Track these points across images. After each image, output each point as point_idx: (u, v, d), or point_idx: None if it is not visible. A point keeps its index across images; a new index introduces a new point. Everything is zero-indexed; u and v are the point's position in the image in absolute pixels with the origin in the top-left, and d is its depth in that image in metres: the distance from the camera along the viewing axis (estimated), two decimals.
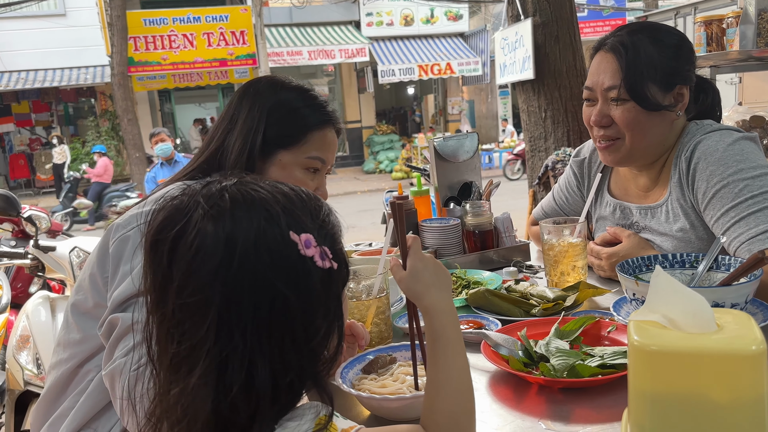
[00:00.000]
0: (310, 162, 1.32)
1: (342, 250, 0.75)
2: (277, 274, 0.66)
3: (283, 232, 0.68)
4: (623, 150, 1.47)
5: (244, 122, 1.28)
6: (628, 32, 1.48)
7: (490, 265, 1.74)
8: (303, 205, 0.72)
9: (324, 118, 1.33)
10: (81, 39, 14.56)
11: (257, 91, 1.31)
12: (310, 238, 0.69)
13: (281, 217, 0.68)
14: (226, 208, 0.67)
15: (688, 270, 1.26)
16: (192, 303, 0.66)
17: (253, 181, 0.73)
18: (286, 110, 1.29)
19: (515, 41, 5.56)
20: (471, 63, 16.34)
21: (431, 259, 0.92)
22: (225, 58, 15.00)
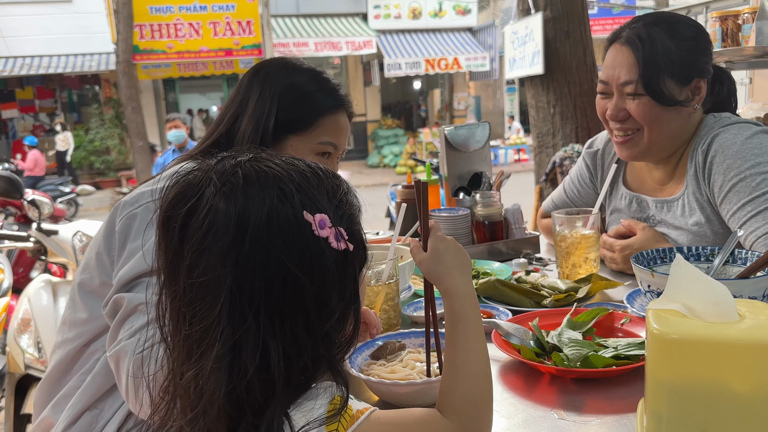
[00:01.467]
0: (321, 147, 1.29)
1: (360, 231, 0.73)
2: (289, 255, 0.64)
3: (297, 212, 0.65)
4: (641, 145, 1.45)
5: (255, 106, 1.24)
6: (645, 24, 1.44)
7: (499, 256, 1.72)
8: (319, 184, 0.70)
9: (337, 103, 1.30)
10: (87, 26, 14.52)
11: (268, 74, 1.27)
12: (324, 219, 0.66)
13: (295, 196, 0.66)
14: (238, 184, 0.65)
15: (704, 263, 1.24)
16: (203, 282, 0.64)
17: (269, 157, 0.70)
18: (298, 94, 1.26)
19: (525, 35, 5.52)
20: (479, 58, 16.26)
21: (452, 242, 0.90)
22: (230, 47, 14.96)
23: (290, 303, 0.65)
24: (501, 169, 10.24)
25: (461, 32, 17.06)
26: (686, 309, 0.80)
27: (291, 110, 1.25)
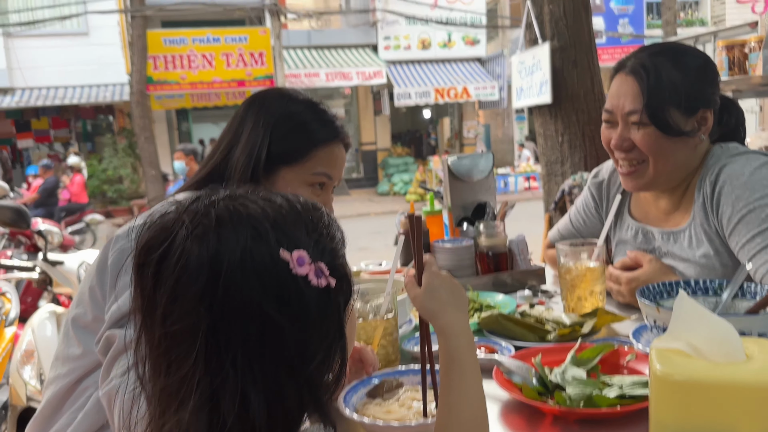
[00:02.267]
0: (315, 178, 1.26)
1: (343, 265, 0.70)
2: (266, 297, 0.61)
3: (272, 250, 0.62)
4: (647, 176, 1.43)
5: (248, 136, 1.23)
6: (650, 54, 1.44)
7: (503, 288, 1.69)
8: (297, 218, 0.67)
9: (332, 134, 1.28)
10: (102, 57, 14.80)
11: (263, 104, 1.26)
12: (303, 255, 0.63)
13: (270, 234, 0.63)
14: (211, 226, 0.63)
15: (712, 297, 1.20)
16: (178, 331, 0.61)
17: (245, 195, 0.68)
18: (293, 124, 1.24)
19: (532, 65, 5.55)
20: (488, 87, 16.37)
21: (448, 277, 0.88)
22: (243, 78, 15.17)
23: (270, 347, 0.62)
24: (506, 198, 10.31)
25: (470, 62, 17.21)
26: (691, 348, 0.76)
27: (285, 141, 1.23)
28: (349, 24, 17.07)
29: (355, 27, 16.85)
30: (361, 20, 16.85)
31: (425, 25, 16.06)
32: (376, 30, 16.50)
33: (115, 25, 14.84)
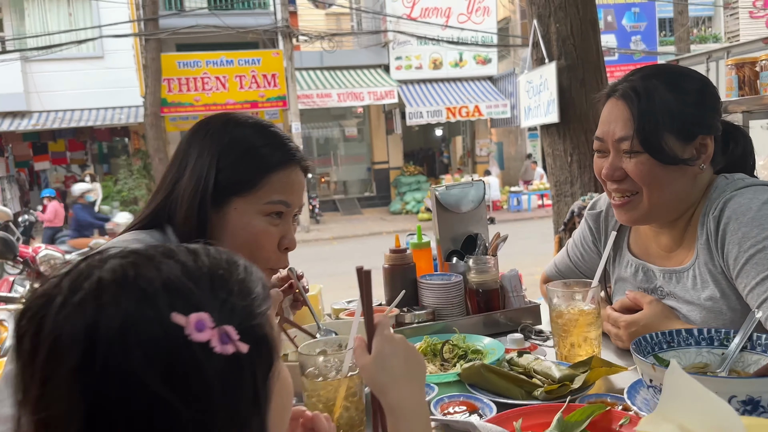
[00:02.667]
0: (271, 207, 1.14)
1: (261, 325, 0.58)
2: (153, 372, 0.50)
3: (162, 315, 0.52)
4: (641, 208, 1.30)
5: (193, 168, 1.12)
6: (642, 77, 1.32)
7: (495, 328, 1.56)
8: (200, 275, 0.56)
9: (286, 157, 1.16)
10: (117, 80, 14.98)
11: (207, 131, 1.15)
12: (203, 318, 0.53)
13: (160, 296, 0.53)
14: (90, 291, 0.52)
15: (718, 349, 1.07)
16: (51, 418, 0.51)
17: (140, 252, 0.57)
18: (240, 151, 1.13)
19: (540, 84, 5.45)
20: (499, 105, 16.30)
21: (402, 342, 0.77)
22: (256, 99, 15.26)
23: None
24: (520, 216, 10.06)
25: (482, 81, 17.16)
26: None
27: (234, 169, 1.12)
28: (361, 45, 17.14)
29: (366, 48, 16.90)
30: (372, 41, 16.91)
31: (436, 45, 16.06)
32: (388, 50, 16.54)
33: (130, 49, 15.04)
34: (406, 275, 1.64)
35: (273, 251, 1.16)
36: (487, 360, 1.30)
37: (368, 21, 17.33)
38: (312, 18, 16.73)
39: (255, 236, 1.14)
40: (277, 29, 14.54)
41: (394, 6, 16.08)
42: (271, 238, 1.15)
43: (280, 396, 0.63)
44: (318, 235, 13.82)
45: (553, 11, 4.94)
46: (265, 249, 1.15)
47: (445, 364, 1.32)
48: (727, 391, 0.87)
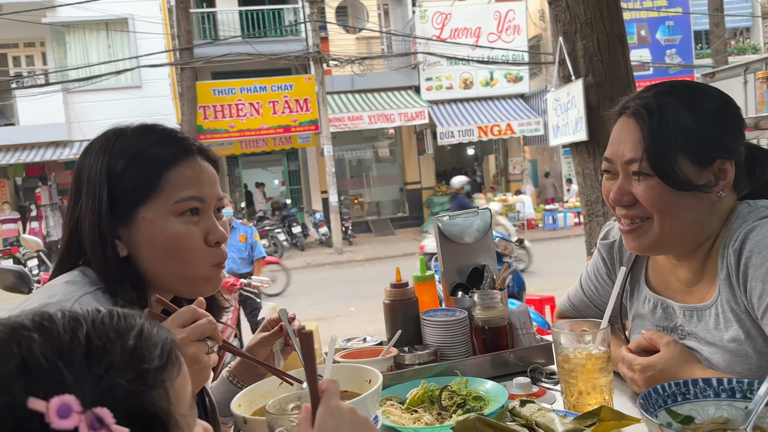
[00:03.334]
0: (181, 206, 1.05)
1: (152, 402, 0.51)
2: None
3: (16, 402, 0.45)
4: (650, 235, 1.18)
5: (86, 194, 1.05)
6: (656, 93, 1.21)
7: (503, 369, 1.45)
8: (72, 348, 0.49)
9: (179, 149, 1.07)
10: (154, 109, 15.34)
11: (92, 153, 1.07)
12: (67, 402, 0.46)
13: (14, 379, 0.46)
14: None
15: (740, 402, 0.95)
16: None
17: (6, 324, 0.50)
18: (128, 158, 1.05)
19: (567, 102, 5.32)
20: (532, 123, 16.11)
21: (348, 415, 0.68)
22: (289, 124, 15.46)
23: None
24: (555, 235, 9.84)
25: (513, 99, 17.02)
26: None
27: (127, 179, 1.04)
28: (391, 67, 17.22)
29: (397, 70, 16.97)
30: (402, 63, 16.98)
31: (467, 64, 16.02)
32: (418, 72, 16.58)
33: (167, 78, 15.44)
34: (407, 311, 1.55)
35: (202, 249, 1.08)
36: (488, 409, 1.19)
37: (398, 43, 17.42)
38: (343, 42, 16.92)
39: (175, 241, 1.05)
40: (309, 55, 14.74)
41: (424, 28, 16.14)
42: (194, 238, 1.07)
43: None
44: (351, 257, 13.79)
45: (579, 27, 4.83)
46: (192, 250, 1.06)
47: (443, 413, 1.22)
48: None
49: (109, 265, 1.05)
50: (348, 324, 7.40)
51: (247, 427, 1.09)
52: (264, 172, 19.23)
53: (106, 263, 1.05)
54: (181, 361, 0.57)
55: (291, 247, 15.06)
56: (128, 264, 1.07)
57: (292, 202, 17.68)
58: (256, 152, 16.61)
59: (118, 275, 1.05)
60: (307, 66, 15.59)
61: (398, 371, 1.42)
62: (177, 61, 14.26)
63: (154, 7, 15.01)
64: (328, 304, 8.77)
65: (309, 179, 17.71)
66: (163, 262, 1.07)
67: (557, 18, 5.00)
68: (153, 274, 1.09)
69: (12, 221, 15.28)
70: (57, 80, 14.78)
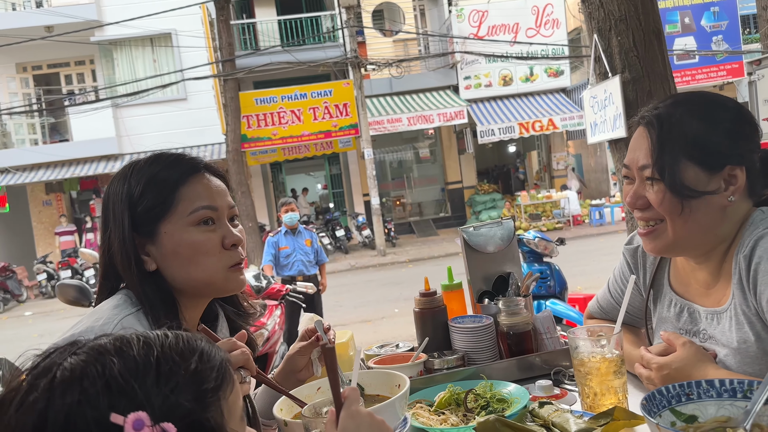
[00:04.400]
0: (197, 216, 1.17)
1: (209, 419, 0.61)
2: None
3: (101, 415, 0.56)
4: (665, 238, 1.27)
5: (113, 220, 1.18)
6: (670, 104, 1.30)
7: (528, 372, 1.53)
8: (146, 371, 0.59)
9: (185, 169, 1.19)
10: (200, 120, 15.83)
11: (112, 191, 1.21)
12: (141, 417, 0.56)
13: (101, 396, 0.56)
14: (43, 390, 0.57)
15: (741, 401, 1.00)
16: None
17: (96, 347, 0.61)
18: (144, 184, 1.18)
19: (605, 99, 5.29)
20: (575, 117, 15.87)
21: (367, 418, 0.78)
22: (329, 129, 15.68)
23: None
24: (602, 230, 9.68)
25: (555, 93, 16.81)
26: None
27: (146, 202, 1.17)
28: (429, 68, 17.25)
29: (434, 70, 17.00)
30: (440, 63, 16.99)
31: (505, 61, 15.92)
32: (456, 71, 16.56)
33: (210, 90, 15.89)
34: (436, 319, 1.64)
35: (219, 252, 1.19)
36: (510, 410, 1.28)
37: (435, 44, 17.45)
38: (380, 46, 17.06)
39: (194, 248, 1.17)
40: (347, 60, 14.92)
41: (461, 27, 16.12)
42: (211, 243, 1.18)
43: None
44: (394, 258, 13.90)
45: (613, 24, 4.80)
46: (210, 254, 1.18)
47: (468, 414, 1.31)
48: None
49: (139, 280, 1.17)
50: (392, 325, 7.50)
51: (288, 429, 1.20)
52: (307, 177, 19.55)
53: (134, 278, 1.16)
54: (233, 380, 0.67)
55: (335, 251, 15.28)
56: (158, 277, 1.19)
57: (334, 205, 17.91)
58: (298, 158, 16.90)
59: (149, 288, 1.16)
60: (345, 71, 15.78)
61: (428, 375, 1.51)
62: (220, 73, 14.65)
63: (196, 21, 15.47)
64: (372, 306, 8.89)
65: (351, 182, 17.91)
66: (186, 270, 1.18)
67: (591, 15, 4.98)
68: (180, 283, 1.20)
69: (69, 233, 16.00)
70: (106, 96, 15.42)
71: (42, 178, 15.30)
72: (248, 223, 13.93)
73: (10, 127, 16.27)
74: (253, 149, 15.68)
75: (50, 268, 14.75)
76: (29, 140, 16.42)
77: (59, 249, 15.69)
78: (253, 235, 13.83)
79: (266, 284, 5.57)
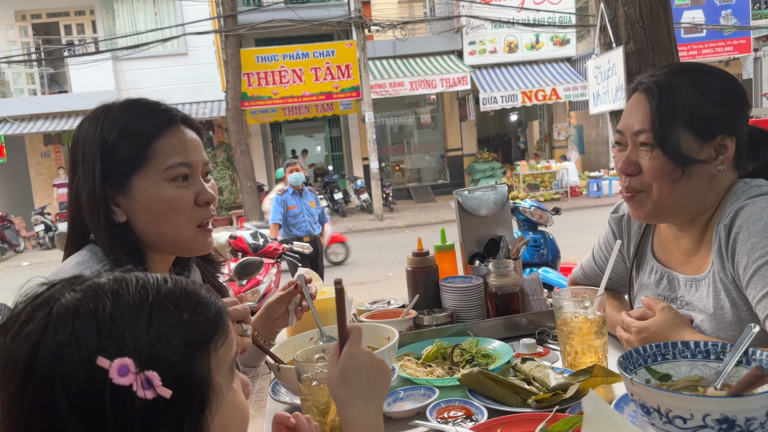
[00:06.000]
0: (171, 173, 1.14)
1: (195, 370, 0.61)
2: (73, 409, 0.55)
3: (89, 357, 0.57)
4: (649, 204, 1.30)
5: (83, 171, 1.14)
6: (668, 72, 1.32)
7: (514, 331, 1.58)
8: (137, 317, 0.60)
9: (162, 120, 1.15)
10: (200, 76, 15.66)
11: (83, 134, 1.16)
12: (126, 364, 0.57)
13: (92, 337, 0.57)
14: (38, 324, 0.59)
15: (714, 362, 1.05)
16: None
17: (91, 287, 0.62)
18: (117, 133, 1.12)
19: (608, 69, 5.25)
20: (578, 88, 15.73)
21: (367, 358, 0.81)
22: (331, 91, 15.54)
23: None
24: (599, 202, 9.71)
25: (559, 63, 16.63)
26: None
27: (119, 152, 1.12)
28: (434, 31, 17.01)
29: (439, 34, 16.77)
30: (445, 27, 16.75)
31: (511, 27, 15.70)
32: (461, 35, 16.34)
33: (212, 45, 15.68)
34: (428, 278, 1.69)
35: (191, 209, 1.17)
36: (494, 365, 1.33)
37: (441, 7, 17.17)
38: (384, 7, 16.78)
39: (167, 204, 1.14)
40: (351, 20, 14.69)
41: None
42: (185, 200, 1.16)
43: (224, 428, 0.66)
44: (391, 223, 13.97)
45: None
46: (182, 211, 1.16)
47: (454, 368, 1.36)
48: (700, 409, 0.87)
49: (107, 231, 1.14)
50: (387, 288, 7.59)
51: (280, 374, 1.25)
52: (307, 138, 19.45)
53: (102, 230, 1.14)
54: (227, 332, 0.67)
55: (332, 213, 15.33)
56: (126, 229, 1.16)
57: (333, 168, 17.89)
58: (298, 119, 16.79)
59: (116, 241, 1.13)
60: (348, 31, 15.56)
61: (417, 331, 1.57)
62: (221, 29, 14.45)
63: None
64: (367, 269, 8.98)
65: (350, 146, 17.85)
66: (157, 225, 1.16)
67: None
68: (149, 237, 1.17)
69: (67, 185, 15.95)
70: (106, 48, 15.21)
71: (40, 129, 15.20)
72: (247, 183, 13.92)
73: (8, 75, 16.10)
74: (253, 108, 15.56)
75: (48, 220, 14.80)
76: (28, 90, 16.27)
77: (57, 201, 15.70)
78: (251, 194, 13.85)
79: (263, 243, 5.62)
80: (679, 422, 0.88)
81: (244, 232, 5.79)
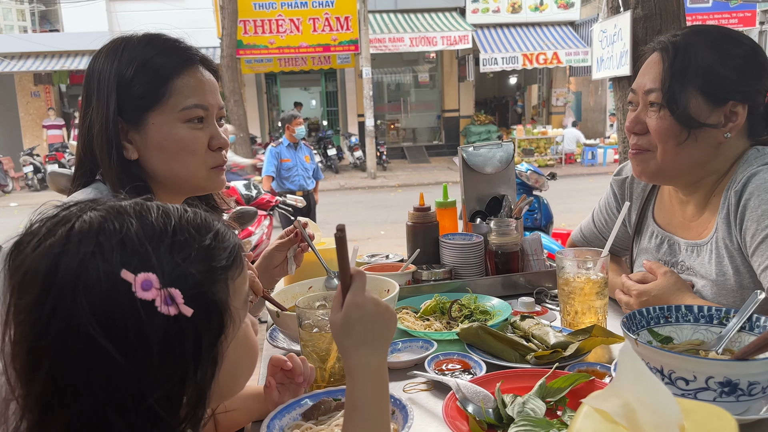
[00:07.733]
0: (187, 113, 1.12)
1: (215, 293, 0.63)
2: (95, 318, 0.55)
3: (112, 269, 0.57)
4: (653, 164, 1.29)
5: (97, 100, 1.11)
6: (688, 32, 1.29)
7: (512, 290, 1.58)
8: (161, 237, 0.60)
9: (183, 59, 1.12)
10: (195, 21, 15.25)
11: (99, 67, 1.12)
12: (150, 279, 0.57)
13: (115, 252, 0.58)
14: (61, 236, 0.58)
15: (716, 327, 1.05)
16: (15, 343, 0.58)
17: (113, 206, 0.62)
18: (136, 67, 1.09)
19: (614, 34, 5.16)
20: (580, 53, 15.54)
21: (372, 305, 0.79)
22: (328, 43, 15.25)
23: (96, 377, 0.56)
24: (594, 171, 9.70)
25: (562, 26, 16.37)
26: (624, 411, 0.66)
27: (136, 87, 1.10)
28: None
29: None
30: None
31: None
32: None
33: None
34: (428, 234, 1.67)
35: (204, 153, 1.15)
36: (492, 321, 1.33)
37: None
38: None
39: (181, 144, 1.13)
40: None
41: None
42: (199, 142, 1.14)
43: (236, 358, 0.68)
44: (384, 182, 13.92)
45: None
46: (196, 153, 1.14)
47: (452, 322, 1.36)
48: (704, 371, 0.87)
49: (117, 167, 1.11)
50: (377, 247, 7.61)
51: (280, 320, 1.24)
52: (302, 92, 19.17)
53: (112, 165, 1.11)
54: (244, 264, 0.68)
55: (325, 169, 15.24)
56: (137, 167, 1.14)
57: (328, 124, 17.69)
58: (294, 71, 16.51)
59: (126, 177, 1.11)
60: None
61: (415, 285, 1.56)
62: None
63: None
64: (358, 227, 8.98)
65: (346, 101, 17.62)
66: (169, 165, 1.14)
67: None
68: (160, 175, 1.16)
69: (57, 127, 15.71)
70: None
71: (30, 68, 14.86)
72: (240, 134, 13.75)
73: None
74: (249, 57, 15.27)
75: (37, 161, 14.61)
76: (18, 27, 15.84)
77: (46, 142, 15.48)
78: (244, 145, 13.68)
79: (256, 194, 5.58)
80: (681, 383, 0.88)
81: (238, 182, 5.74)
